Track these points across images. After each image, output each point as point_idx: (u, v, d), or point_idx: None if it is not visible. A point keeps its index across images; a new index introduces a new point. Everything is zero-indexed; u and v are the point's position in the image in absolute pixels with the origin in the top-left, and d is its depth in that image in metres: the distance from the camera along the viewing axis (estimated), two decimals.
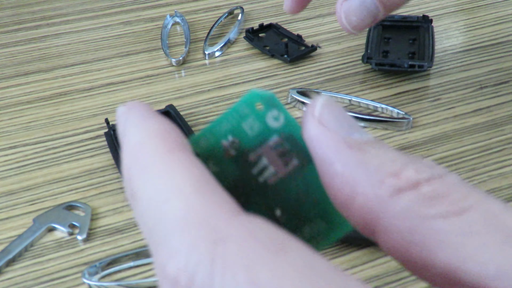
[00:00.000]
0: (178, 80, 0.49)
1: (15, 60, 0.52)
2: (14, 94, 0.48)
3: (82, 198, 0.37)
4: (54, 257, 0.33)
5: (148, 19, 0.58)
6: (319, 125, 0.16)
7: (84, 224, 0.35)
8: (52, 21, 0.58)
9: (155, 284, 0.31)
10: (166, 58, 0.51)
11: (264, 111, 0.17)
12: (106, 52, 0.53)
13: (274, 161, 0.17)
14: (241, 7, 0.58)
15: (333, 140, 0.15)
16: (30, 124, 0.44)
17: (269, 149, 0.17)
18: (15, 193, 0.38)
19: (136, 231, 0.35)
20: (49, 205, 0.37)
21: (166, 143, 0.15)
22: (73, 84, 0.49)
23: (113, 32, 0.56)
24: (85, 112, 0.45)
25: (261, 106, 0.17)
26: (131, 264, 0.32)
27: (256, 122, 0.17)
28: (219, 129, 0.17)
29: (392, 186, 0.14)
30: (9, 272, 0.32)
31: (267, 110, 0.17)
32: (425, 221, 0.14)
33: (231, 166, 0.18)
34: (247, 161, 0.17)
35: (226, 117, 0.17)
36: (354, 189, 0.15)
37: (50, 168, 0.40)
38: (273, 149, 0.17)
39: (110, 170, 0.39)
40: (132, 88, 0.48)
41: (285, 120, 0.17)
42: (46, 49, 0.54)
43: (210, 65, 0.50)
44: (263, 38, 0.53)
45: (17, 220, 0.36)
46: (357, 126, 0.16)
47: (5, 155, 0.41)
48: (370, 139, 0.16)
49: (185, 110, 0.45)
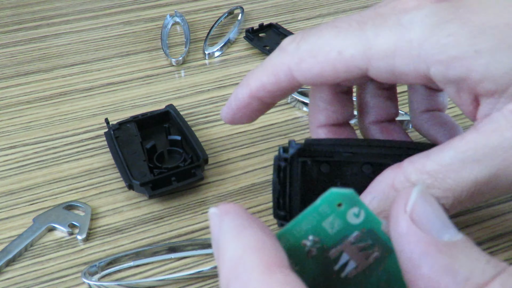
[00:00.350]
0: (178, 80, 0.49)
1: (15, 60, 0.52)
2: (14, 94, 0.48)
3: (82, 198, 0.37)
4: (54, 257, 0.33)
5: (148, 19, 0.58)
6: (410, 223, 0.16)
7: (84, 224, 0.35)
8: (52, 21, 0.58)
9: (155, 284, 0.31)
10: (166, 58, 0.51)
11: (344, 209, 0.17)
12: (106, 52, 0.53)
13: (355, 256, 0.18)
14: (241, 7, 0.58)
15: (423, 242, 0.15)
16: (30, 124, 0.44)
17: (350, 245, 0.18)
18: (15, 193, 0.38)
19: (136, 231, 0.35)
20: (49, 205, 0.37)
21: (264, 258, 0.15)
22: (73, 84, 0.49)
23: (113, 32, 0.56)
24: (85, 112, 0.45)
25: (342, 204, 0.17)
26: (131, 264, 0.32)
27: (336, 220, 0.17)
28: (299, 229, 0.18)
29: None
30: (9, 272, 0.32)
31: (348, 207, 0.17)
32: None
33: (312, 263, 0.18)
34: (328, 258, 0.18)
35: (305, 217, 0.17)
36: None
37: (50, 168, 0.40)
38: (354, 244, 0.18)
39: (110, 170, 0.39)
40: (132, 88, 0.48)
41: (366, 216, 0.17)
42: (46, 49, 0.54)
43: (210, 65, 0.50)
44: (263, 38, 0.53)
45: (17, 220, 0.36)
46: (449, 224, 0.16)
47: (5, 155, 0.41)
48: (461, 241, 0.16)
49: (185, 110, 0.45)
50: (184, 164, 0.37)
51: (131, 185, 0.36)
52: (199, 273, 0.31)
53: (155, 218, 0.35)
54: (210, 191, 0.37)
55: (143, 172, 0.37)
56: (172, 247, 0.33)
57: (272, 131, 0.42)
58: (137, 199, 0.37)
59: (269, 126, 0.43)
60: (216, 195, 0.37)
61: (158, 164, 0.37)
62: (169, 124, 0.41)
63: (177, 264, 0.33)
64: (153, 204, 0.36)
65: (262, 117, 0.44)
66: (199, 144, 0.38)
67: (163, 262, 0.33)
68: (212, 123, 0.43)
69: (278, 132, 0.42)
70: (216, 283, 0.31)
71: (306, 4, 0.60)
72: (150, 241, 0.34)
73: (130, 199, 0.37)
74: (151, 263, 0.33)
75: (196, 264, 0.32)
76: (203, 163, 0.37)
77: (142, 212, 0.36)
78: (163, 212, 0.36)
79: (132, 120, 0.41)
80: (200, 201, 0.37)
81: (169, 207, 0.36)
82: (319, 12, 0.58)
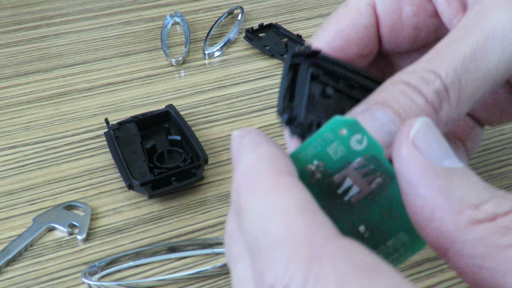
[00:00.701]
0: (178, 80, 0.49)
1: (15, 60, 0.52)
2: (14, 94, 0.48)
3: (82, 198, 0.37)
4: (54, 257, 0.33)
5: (148, 19, 0.58)
6: (412, 148, 0.16)
7: (84, 224, 0.35)
8: (52, 21, 0.58)
9: (155, 284, 0.31)
10: (166, 58, 0.51)
11: (347, 135, 0.18)
12: (106, 52, 0.53)
13: (358, 181, 0.18)
14: (241, 7, 0.58)
15: (422, 165, 0.16)
16: (30, 124, 0.44)
17: (353, 170, 0.18)
18: (15, 193, 0.38)
19: (136, 231, 0.35)
20: (49, 205, 0.37)
21: (275, 167, 0.16)
22: (73, 84, 0.49)
23: (113, 32, 0.56)
24: (85, 112, 0.45)
25: (344, 131, 0.18)
26: (130, 264, 0.32)
27: (340, 146, 0.18)
28: (305, 155, 0.18)
29: (471, 217, 0.15)
30: (9, 272, 0.32)
31: (351, 134, 0.18)
32: (500, 250, 0.14)
33: (316, 188, 0.19)
34: (332, 183, 0.19)
35: (310, 143, 0.18)
36: (433, 213, 0.16)
37: (50, 168, 0.40)
38: (357, 169, 0.18)
39: (110, 170, 0.39)
40: (132, 88, 0.48)
41: (368, 142, 0.18)
42: (46, 49, 0.54)
43: (210, 65, 0.50)
44: (263, 38, 0.53)
45: (17, 220, 0.36)
46: (450, 152, 0.17)
47: (5, 155, 0.41)
48: (461, 168, 0.16)
49: (185, 110, 0.45)
50: (184, 164, 0.37)
51: (131, 185, 0.36)
52: (199, 273, 0.31)
53: (155, 218, 0.35)
54: (210, 191, 0.37)
55: (143, 172, 0.37)
56: (172, 247, 0.33)
57: (272, 131, 0.42)
58: (137, 199, 0.37)
59: (269, 126, 0.43)
60: (216, 195, 0.37)
61: (158, 164, 0.37)
62: (169, 124, 0.41)
63: (177, 264, 0.33)
64: (153, 204, 0.36)
65: (262, 117, 0.44)
66: (199, 144, 0.38)
67: (163, 262, 0.33)
68: (212, 123, 0.43)
69: (278, 132, 0.42)
70: (216, 283, 0.31)
71: (306, 4, 0.60)
72: (150, 241, 0.34)
73: (130, 199, 0.37)
74: (151, 263, 0.33)
75: (196, 264, 0.32)
76: (203, 163, 0.37)
77: (142, 212, 0.36)
78: (163, 212, 0.36)
79: (132, 120, 0.41)
80: (200, 201, 0.37)
81: (169, 207, 0.36)
82: (319, 12, 0.58)
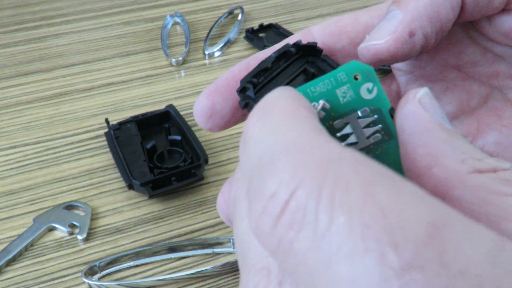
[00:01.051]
0: (178, 80, 0.49)
1: (15, 60, 0.52)
2: (14, 94, 0.48)
3: (82, 198, 0.37)
4: (54, 257, 0.33)
5: (148, 19, 0.58)
6: (418, 105, 0.17)
7: (84, 223, 0.35)
8: (52, 21, 0.58)
9: (155, 284, 0.31)
10: (166, 58, 0.51)
11: (360, 81, 0.18)
12: (106, 52, 0.53)
13: (358, 131, 0.18)
14: (241, 7, 0.58)
15: (427, 119, 0.16)
16: (30, 124, 0.44)
17: (356, 119, 0.18)
18: (15, 193, 0.38)
19: (136, 231, 0.35)
20: (49, 205, 0.37)
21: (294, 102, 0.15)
22: (73, 84, 0.49)
23: (113, 32, 0.56)
24: (85, 112, 0.45)
25: (359, 76, 0.18)
26: (130, 263, 0.32)
27: (350, 91, 0.18)
28: (314, 90, 0.18)
29: (473, 166, 0.15)
30: (9, 272, 0.33)
31: (364, 81, 0.18)
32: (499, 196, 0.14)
33: None
34: (332, 126, 0.18)
35: (322, 80, 0.18)
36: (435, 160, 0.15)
37: (50, 168, 0.40)
38: (359, 118, 0.18)
39: (110, 170, 0.39)
40: (132, 88, 0.48)
41: (378, 94, 0.18)
42: (46, 49, 0.54)
43: (210, 65, 0.50)
44: (263, 38, 0.53)
45: (17, 219, 0.36)
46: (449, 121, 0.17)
47: (5, 155, 0.41)
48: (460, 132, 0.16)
49: (185, 110, 0.45)
50: (184, 164, 0.37)
51: (131, 185, 0.36)
52: (199, 273, 0.31)
53: (155, 218, 0.36)
54: (210, 191, 0.37)
55: (143, 172, 0.37)
56: (172, 247, 0.33)
57: None
58: (137, 199, 0.37)
59: None
60: (216, 195, 0.37)
61: (158, 164, 0.37)
62: (169, 124, 0.41)
63: (177, 264, 0.33)
64: (153, 204, 0.36)
65: None
66: (199, 144, 0.38)
67: (163, 262, 0.33)
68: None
69: None
70: (216, 283, 0.31)
71: (306, 4, 0.60)
72: (150, 241, 0.34)
73: (130, 199, 0.37)
74: (151, 263, 0.33)
75: (196, 264, 0.33)
76: (203, 163, 0.37)
77: (142, 212, 0.36)
78: (163, 212, 0.36)
79: (132, 120, 0.41)
80: (200, 201, 0.37)
81: (169, 207, 0.36)
82: (319, 12, 0.58)
